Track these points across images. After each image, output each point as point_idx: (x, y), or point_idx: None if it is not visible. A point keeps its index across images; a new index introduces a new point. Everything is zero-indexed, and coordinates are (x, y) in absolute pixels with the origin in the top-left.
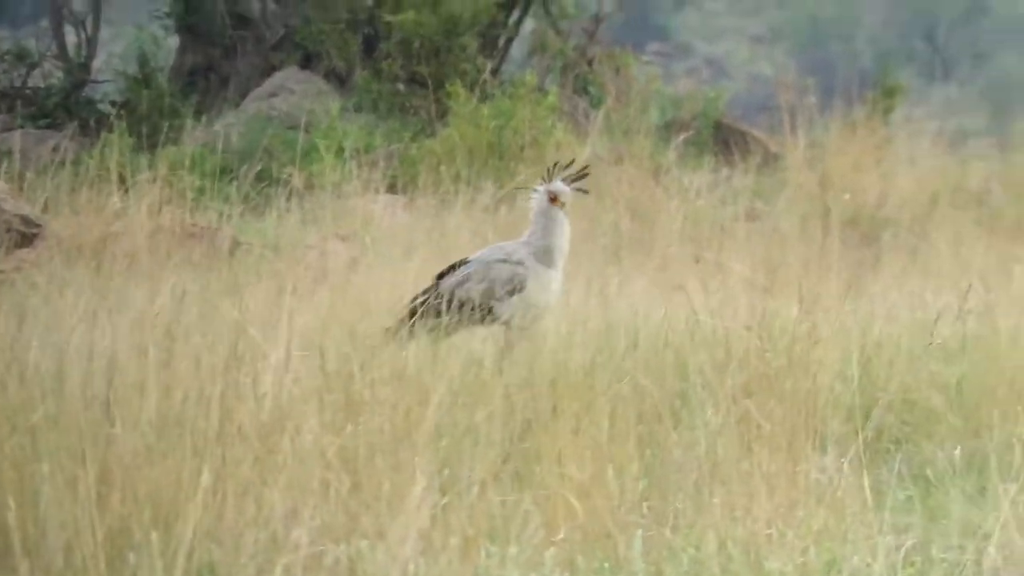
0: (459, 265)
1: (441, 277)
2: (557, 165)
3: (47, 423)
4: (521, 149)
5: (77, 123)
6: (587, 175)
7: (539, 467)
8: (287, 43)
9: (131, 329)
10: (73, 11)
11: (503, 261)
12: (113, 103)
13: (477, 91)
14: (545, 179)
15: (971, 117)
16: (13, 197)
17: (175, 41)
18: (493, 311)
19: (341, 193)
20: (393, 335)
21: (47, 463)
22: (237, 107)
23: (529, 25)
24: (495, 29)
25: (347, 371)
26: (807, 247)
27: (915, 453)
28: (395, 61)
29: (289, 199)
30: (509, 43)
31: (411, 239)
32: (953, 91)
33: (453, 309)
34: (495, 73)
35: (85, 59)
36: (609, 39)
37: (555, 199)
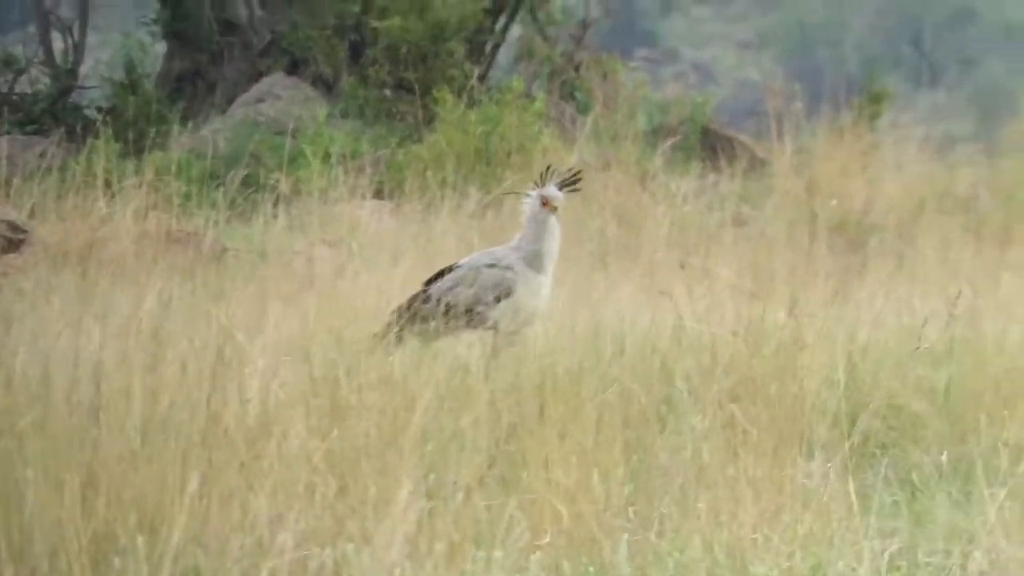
0: (448, 270)
1: (430, 283)
2: (549, 169)
3: (33, 428)
4: (508, 155)
5: (64, 129)
6: (579, 179)
7: (525, 472)
8: (274, 49)
9: (117, 334)
10: (60, 17)
11: (492, 266)
12: (100, 109)
13: (464, 97)
14: (538, 184)
15: (958, 123)
16: (0, 203)
17: (162, 47)
18: (482, 316)
19: (328, 199)
20: (381, 340)
21: (33, 468)
22: (224, 113)
23: (516, 31)
24: (482, 35)
25: (333, 376)
26: (794, 253)
27: (901, 458)
28: (382, 67)
29: (276, 205)
30: (496, 49)
31: (398, 245)
32: (940, 97)
33: (442, 314)
34: (482, 79)
35: (72, 65)
36: (596, 45)
37: (548, 204)
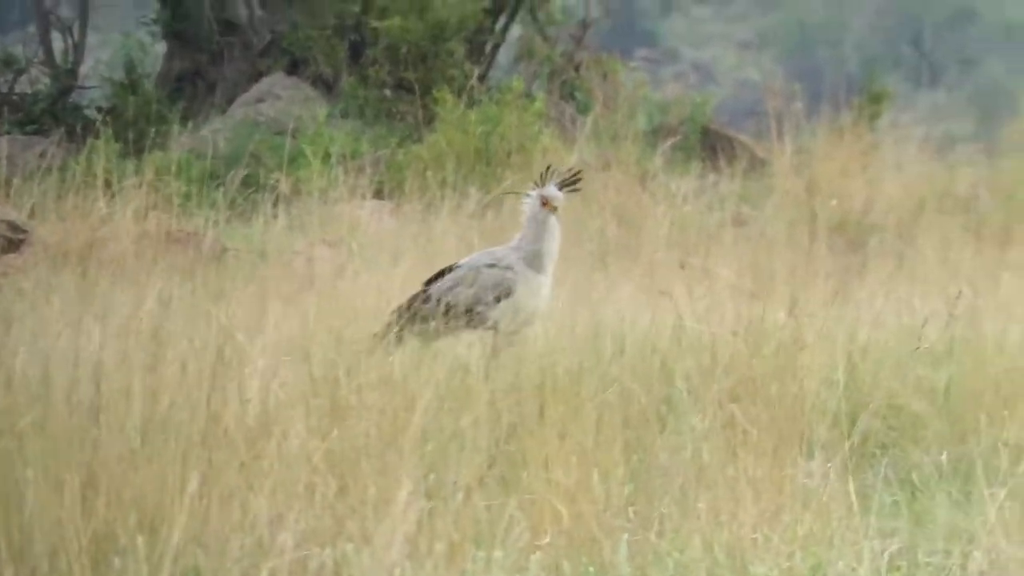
0: (448, 270)
1: (430, 283)
2: (549, 170)
3: (33, 428)
4: (508, 155)
5: (64, 129)
6: (579, 179)
7: (525, 472)
8: (274, 49)
9: (117, 334)
10: (60, 17)
11: (492, 266)
12: (100, 109)
13: (464, 97)
14: (538, 184)
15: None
16: (0, 203)
17: (162, 47)
18: (482, 316)
19: (328, 199)
20: (381, 340)
21: (33, 468)
22: (224, 113)
23: (516, 31)
24: (482, 35)
25: (333, 376)
26: (794, 253)
27: (901, 458)
28: (382, 67)
29: (276, 205)
30: (496, 49)
31: (398, 245)
32: (940, 97)
33: (442, 314)
34: (482, 79)
35: (72, 65)
36: (596, 45)
37: (548, 204)
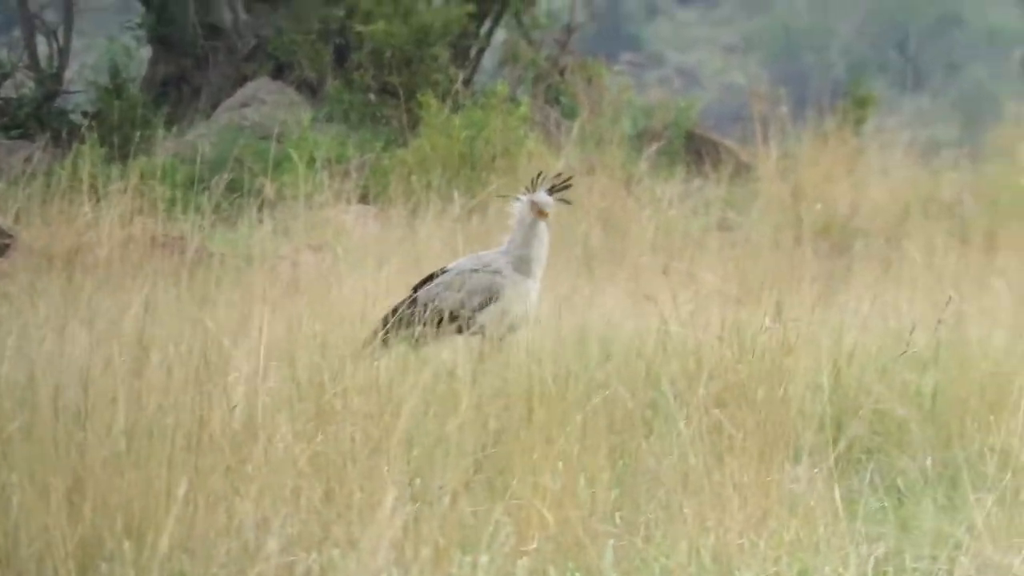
0: (437, 275)
1: (418, 287)
2: (541, 175)
3: (19, 433)
4: (493, 159)
5: (49, 134)
6: (570, 186)
7: (511, 477)
8: (259, 53)
9: (103, 339)
10: (45, 21)
11: (480, 270)
12: (85, 114)
13: (449, 101)
14: (529, 189)
15: (943, 127)
16: None
17: (147, 52)
18: (471, 320)
19: (313, 204)
20: (369, 346)
21: (19, 473)
22: (209, 117)
23: (501, 35)
24: (467, 39)
25: (319, 381)
26: (779, 257)
27: (887, 463)
28: (366, 71)
29: (261, 210)
30: (481, 53)
31: (383, 249)
32: (925, 101)
33: (431, 319)
34: (467, 83)
35: (57, 70)
36: (581, 49)
37: (539, 211)
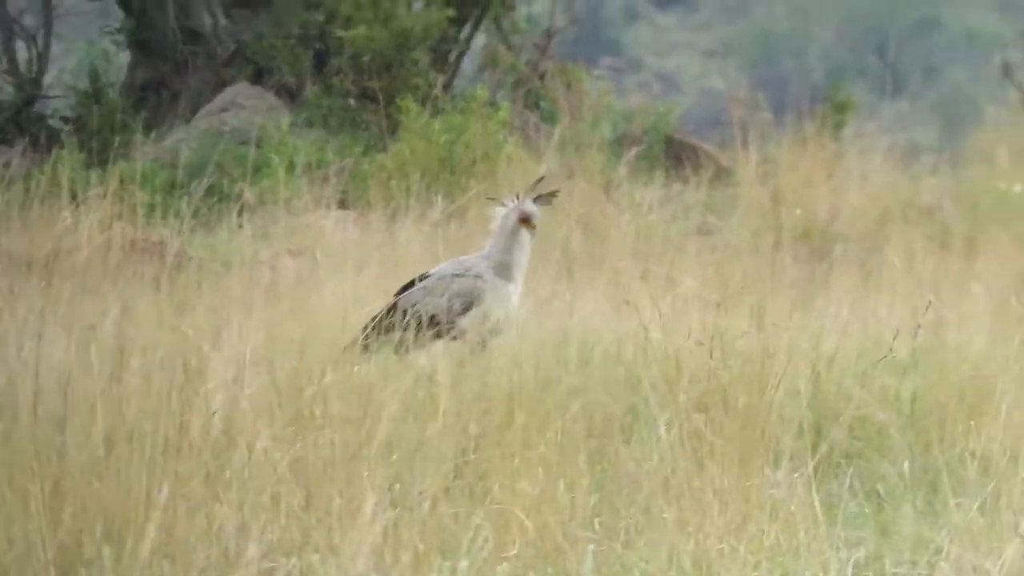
0: (418, 280)
1: (400, 293)
2: (540, 180)
3: None
4: (472, 164)
5: (28, 139)
6: (556, 196)
7: (491, 482)
8: (238, 58)
9: (82, 344)
10: (24, 26)
11: (462, 275)
12: (64, 119)
13: (428, 106)
14: (518, 197)
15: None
16: None
17: (126, 56)
18: (453, 325)
19: (292, 208)
20: (351, 352)
21: None
22: (188, 122)
23: (480, 40)
24: (446, 44)
25: (298, 386)
26: (758, 262)
27: (867, 468)
28: (346, 76)
29: (240, 214)
30: (460, 58)
31: (362, 254)
32: (904, 106)
33: (412, 324)
34: (446, 88)
35: (36, 74)
36: (561, 54)
37: (527, 221)
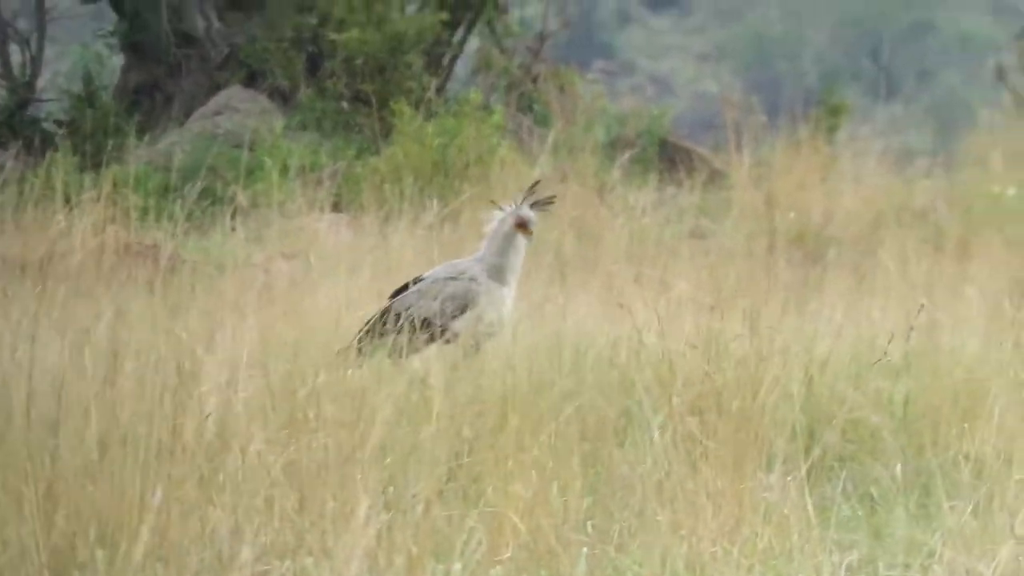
0: (413, 283)
1: (394, 296)
2: (537, 183)
3: None
4: (466, 167)
5: (21, 142)
6: (553, 202)
7: (484, 485)
8: (232, 62)
9: (75, 347)
10: (17, 30)
11: (455, 278)
12: (58, 122)
13: (422, 109)
14: (516, 203)
15: (916, 134)
16: None
17: (120, 60)
18: (446, 328)
19: (286, 212)
20: (346, 356)
21: None
22: (181, 125)
23: (474, 43)
24: (440, 47)
25: (291, 389)
26: (752, 265)
27: (860, 471)
28: (339, 79)
29: (234, 218)
30: (454, 61)
31: (355, 257)
32: (898, 109)
33: (406, 327)
34: (440, 91)
35: (29, 78)
36: (554, 57)
37: (524, 227)
